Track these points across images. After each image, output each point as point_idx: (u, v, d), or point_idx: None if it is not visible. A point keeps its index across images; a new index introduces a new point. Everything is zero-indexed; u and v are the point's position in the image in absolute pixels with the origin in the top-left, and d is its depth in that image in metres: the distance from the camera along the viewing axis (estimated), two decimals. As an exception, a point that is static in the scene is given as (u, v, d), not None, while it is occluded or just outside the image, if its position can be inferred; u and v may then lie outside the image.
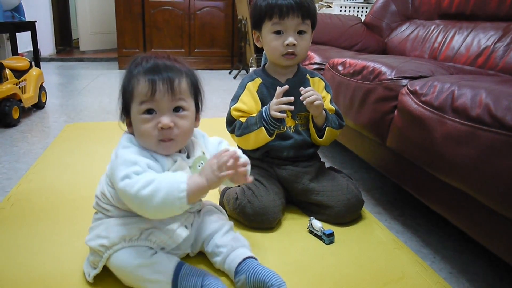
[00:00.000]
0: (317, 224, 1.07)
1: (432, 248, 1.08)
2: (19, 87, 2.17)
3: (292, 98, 1.06)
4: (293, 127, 1.18)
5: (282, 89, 1.06)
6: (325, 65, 1.62)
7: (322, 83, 1.23)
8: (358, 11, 3.03)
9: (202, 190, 0.76)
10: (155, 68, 0.79)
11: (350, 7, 3.03)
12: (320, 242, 1.05)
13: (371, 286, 0.88)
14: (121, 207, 0.85)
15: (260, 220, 1.07)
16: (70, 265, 0.91)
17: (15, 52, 3.16)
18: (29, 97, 2.26)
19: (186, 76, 0.82)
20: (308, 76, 1.21)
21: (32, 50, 3.31)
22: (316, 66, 1.66)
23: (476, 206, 0.87)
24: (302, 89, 1.09)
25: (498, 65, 1.45)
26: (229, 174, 0.76)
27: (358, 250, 1.02)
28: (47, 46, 5.06)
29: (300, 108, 1.13)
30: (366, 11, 3.01)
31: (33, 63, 2.50)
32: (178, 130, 0.80)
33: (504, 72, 1.41)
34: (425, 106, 0.99)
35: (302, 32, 1.11)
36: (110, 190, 0.84)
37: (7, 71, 2.09)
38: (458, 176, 0.89)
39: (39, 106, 2.43)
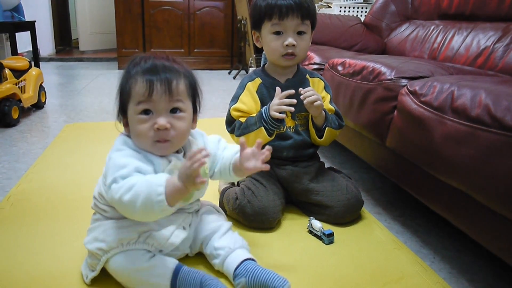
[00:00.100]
0: (316, 224, 1.07)
1: (431, 248, 1.08)
2: (19, 87, 2.17)
3: (294, 101, 1.06)
4: (292, 127, 1.18)
5: (286, 93, 1.06)
6: (324, 65, 1.62)
7: (322, 83, 1.23)
8: (357, 12, 3.03)
9: (181, 191, 0.72)
10: (154, 68, 0.79)
11: (349, 7, 3.03)
12: (319, 242, 1.05)
13: (371, 286, 0.89)
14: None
15: (259, 220, 1.07)
16: (70, 265, 0.91)
17: (15, 52, 3.16)
18: (28, 97, 2.26)
19: (184, 77, 0.82)
20: (307, 76, 1.21)
21: (31, 50, 3.31)
22: (315, 66, 1.66)
23: (476, 206, 0.87)
24: (302, 89, 1.09)
25: (498, 65, 1.45)
26: (198, 164, 0.69)
27: (358, 250, 1.02)
28: (47, 46, 5.05)
29: (299, 108, 1.13)
30: (365, 12, 3.01)
31: (32, 63, 2.50)
32: (175, 131, 0.80)
33: (503, 72, 1.41)
34: (424, 107, 0.99)
35: (301, 32, 1.11)
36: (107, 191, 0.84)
37: (7, 71, 2.09)
38: (457, 176, 0.89)
39: (39, 106, 2.43)
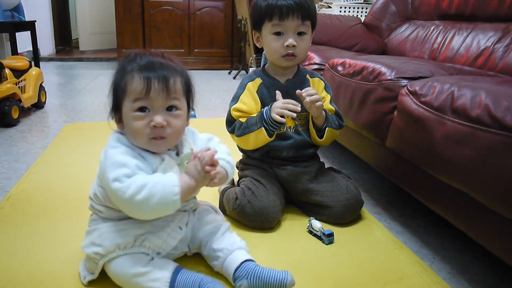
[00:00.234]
0: (316, 224, 1.07)
1: (431, 248, 1.08)
2: (19, 87, 2.17)
3: (298, 108, 1.06)
4: (292, 128, 1.18)
5: (291, 104, 1.06)
6: (324, 65, 1.62)
7: (322, 84, 1.23)
8: (357, 12, 3.03)
9: (193, 190, 0.80)
10: (150, 65, 0.79)
11: (349, 8, 3.03)
12: (319, 242, 1.05)
13: (371, 286, 0.89)
14: (112, 207, 0.84)
15: (259, 220, 1.07)
16: (70, 265, 0.91)
17: (15, 51, 3.16)
18: (28, 96, 2.26)
19: (180, 75, 0.82)
20: (308, 76, 1.21)
21: (31, 49, 3.31)
22: (316, 67, 1.66)
23: (475, 206, 0.87)
24: (303, 90, 1.09)
25: (498, 65, 1.45)
26: (216, 172, 0.79)
27: (358, 251, 1.02)
28: (47, 45, 5.05)
29: (300, 108, 1.13)
30: (365, 12, 3.01)
31: (32, 63, 2.50)
32: (171, 129, 0.80)
33: (503, 72, 1.41)
34: (424, 107, 0.99)
35: (302, 33, 1.11)
36: (100, 191, 0.84)
37: (7, 71, 2.09)
38: (457, 176, 0.89)
39: (39, 106, 2.43)
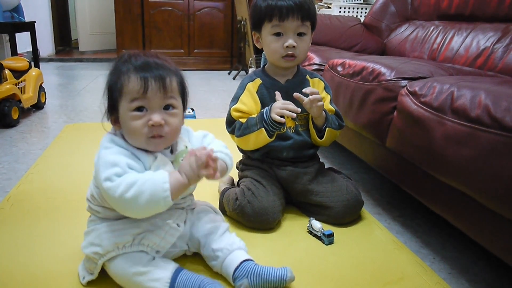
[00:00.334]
0: (316, 224, 1.07)
1: (431, 248, 1.08)
2: (19, 88, 2.17)
3: (298, 109, 1.06)
4: (293, 128, 1.18)
5: (291, 104, 1.06)
6: (324, 65, 1.62)
7: (322, 84, 1.23)
8: (357, 12, 3.03)
9: (184, 187, 0.79)
10: (146, 65, 0.80)
11: (349, 8, 3.03)
12: (319, 242, 1.05)
13: (371, 286, 0.89)
14: (108, 207, 0.84)
15: (259, 220, 1.07)
16: (70, 265, 0.91)
17: (15, 52, 3.16)
18: (28, 97, 2.26)
19: (175, 74, 0.83)
20: (308, 76, 1.21)
21: (31, 50, 3.31)
22: (315, 67, 1.66)
23: (475, 206, 0.87)
24: (307, 89, 1.09)
25: (497, 66, 1.45)
26: (210, 173, 0.77)
27: (358, 251, 1.02)
28: (47, 46, 5.05)
29: (300, 109, 1.13)
30: (365, 12, 3.01)
31: (32, 64, 2.50)
32: (168, 127, 0.81)
33: (503, 73, 1.41)
34: (424, 107, 0.99)
35: (302, 33, 1.11)
36: (97, 192, 0.85)
37: (7, 72, 2.09)
38: (457, 176, 0.89)
39: (39, 106, 2.43)
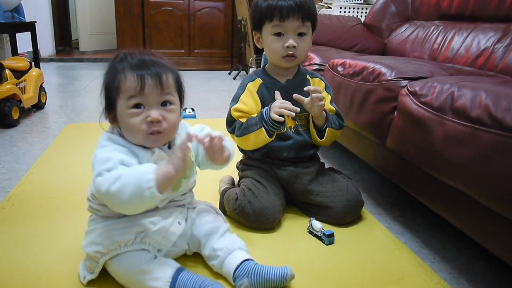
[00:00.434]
0: (317, 224, 1.07)
1: (432, 248, 1.08)
2: (19, 88, 2.17)
3: (297, 109, 1.06)
4: (293, 128, 1.18)
5: (291, 108, 1.06)
6: (325, 66, 1.62)
7: (322, 84, 1.23)
8: (357, 12, 3.03)
9: (170, 177, 0.76)
10: (143, 63, 0.81)
11: (349, 8, 3.03)
12: (320, 242, 1.05)
13: (371, 286, 0.89)
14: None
15: (260, 220, 1.07)
16: (70, 265, 0.91)
17: (15, 52, 3.16)
18: (29, 97, 2.26)
19: (171, 71, 0.84)
20: (308, 76, 1.21)
21: (32, 50, 3.31)
22: (316, 67, 1.66)
23: (476, 206, 0.87)
24: (310, 88, 1.09)
25: (498, 66, 1.45)
26: (185, 147, 0.76)
27: (358, 251, 1.02)
28: (47, 46, 5.05)
29: (300, 108, 1.13)
30: (365, 12, 3.01)
31: (33, 64, 2.50)
32: (167, 123, 0.82)
33: (503, 73, 1.41)
34: (425, 107, 0.99)
35: (302, 34, 1.11)
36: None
37: (7, 72, 2.09)
38: (457, 176, 0.89)
39: (39, 106, 2.43)
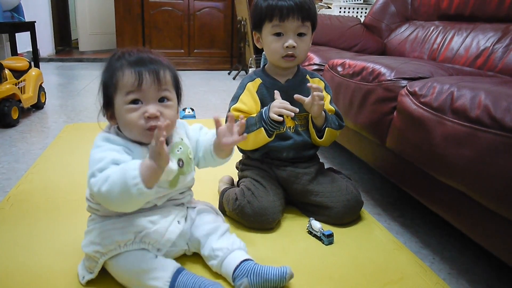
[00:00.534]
0: (316, 225, 1.07)
1: (431, 249, 1.08)
2: (19, 88, 2.17)
3: (297, 109, 1.06)
4: (292, 128, 1.18)
5: (290, 108, 1.06)
6: (324, 66, 1.62)
7: (322, 84, 1.23)
8: (357, 12, 3.03)
9: (153, 169, 0.74)
10: (140, 60, 0.82)
11: (349, 8, 3.03)
12: (319, 242, 1.05)
13: (371, 286, 0.89)
14: None
15: (259, 220, 1.07)
16: (70, 265, 0.91)
17: (15, 52, 3.16)
18: (28, 97, 2.26)
19: (168, 69, 0.85)
20: (308, 76, 1.21)
21: (31, 50, 3.31)
22: (315, 67, 1.66)
23: (475, 207, 0.87)
24: (312, 84, 1.09)
25: (497, 66, 1.45)
26: (158, 138, 0.72)
27: (358, 251, 1.02)
28: (47, 46, 5.05)
29: (299, 108, 1.13)
30: (365, 12, 3.01)
31: (32, 64, 2.50)
32: (164, 119, 0.82)
33: (503, 73, 1.41)
34: (424, 107, 0.99)
35: (302, 34, 1.11)
36: None
37: (7, 72, 2.09)
38: (457, 177, 0.89)
39: (39, 106, 2.43)
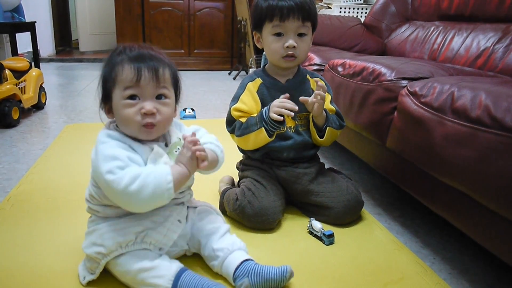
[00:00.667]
0: (317, 225, 1.07)
1: (432, 249, 1.08)
2: (19, 88, 2.17)
3: (296, 107, 1.06)
4: (293, 128, 1.18)
5: (288, 102, 1.06)
6: (325, 66, 1.62)
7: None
8: (357, 12, 3.03)
9: (186, 176, 0.82)
10: (140, 56, 0.82)
11: (349, 8, 3.03)
12: (320, 243, 1.05)
13: (371, 286, 0.89)
14: (108, 204, 0.85)
15: (260, 220, 1.07)
16: (70, 265, 0.91)
17: (15, 52, 3.16)
18: (28, 97, 2.26)
19: (168, 66, 0.85)
20: (308, 76, 1.21)
21: (31, 50, 3.31)
22: (316, 67, 1.66)
23: (475, 207, 0.87)
24: (318, 82, 1.09)
25: (498, 66, 1.45)
26: (203, 156, 0.82)
27: (358, 251, 1.02)
28: (47, 46, 5.05)
29: (300, 108, 1.13)
30: (365, 12, 3.01)
31: (32, 64, 2.50)
32: (160, 116, 0.83)
33: (503, 73, 1.41)
34: (424, 107, 0.99)
35: (302, 34, 1.11)
36: (95, 191, 0.85)
37: (7, 72, 2.09)
38: (457, 177, 0.89)
39: (39, 106, 2.43)
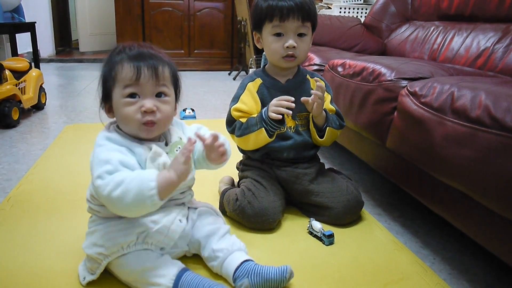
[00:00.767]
0: (317, 225, 1.07)
1: (432, 249, 1.08)
2: (19, 88, 2.17)
3: (293, 105, 1.05)
4: (293, 128, 1.18)
5: (284, 100, 1.06)
6: (324, 66, 1.62)
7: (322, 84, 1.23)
8: (357, 12, 3.03)
9: (172, 183, 0.77)
10: (140, 55, 0.82)
11: (349, 8, 3.03)
12: (320, 243, 1.05)
13: (371, 287, 0.89)
14: None
15: (260, 221, 1.07)
16: (70, 265, 0.91)
17: (15, 53, 3.16)
18: (28, 98, 2.26)
19: (168, 65, 0.86)
20: (308, 76, 1.21)
21: (31, 51, 3.31)
22: (316, 67, 1.66)
23: (475, 207, 0.87)
24: (318, 82, 1.09)
25: (498, 66, 1.45)
26: (187, 151, 0.76)
27: (358, 251, 1.02)
28: (47, 47, 5.05)
29: (300, 108, 1.13)
30: (365, 12, 3.01)
31: (32, 64, 2.50)
32: (160, 114, 0.83)
33: (503, 73, 1.41)
34: (424, 107, 0.99)
35: (302, 34, 1.11)
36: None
37: (7, 72, 2.09)
38: (457, 177, 0.89)
39: (39, 107, 2.43)
